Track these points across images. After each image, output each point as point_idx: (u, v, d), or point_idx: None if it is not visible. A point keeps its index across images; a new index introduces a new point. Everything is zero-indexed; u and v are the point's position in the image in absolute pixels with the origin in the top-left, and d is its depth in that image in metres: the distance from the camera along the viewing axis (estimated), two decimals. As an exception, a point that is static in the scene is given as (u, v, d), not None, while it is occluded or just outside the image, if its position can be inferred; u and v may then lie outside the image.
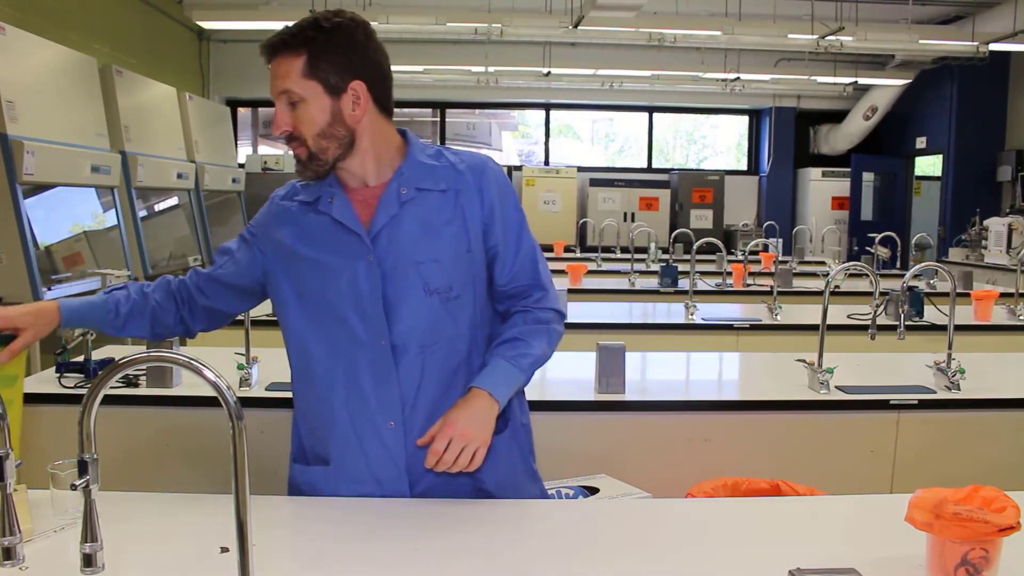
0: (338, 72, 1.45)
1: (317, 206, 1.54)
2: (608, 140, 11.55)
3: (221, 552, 1.32)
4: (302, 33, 1.45)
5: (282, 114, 1.47)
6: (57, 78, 5.41)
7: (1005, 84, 9.10)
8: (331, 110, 1.46)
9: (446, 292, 1.50)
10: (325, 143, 1.47)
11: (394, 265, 1.48)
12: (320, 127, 1.46)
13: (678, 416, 2.52)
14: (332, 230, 1.51)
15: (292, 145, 1.49)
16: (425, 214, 1.51)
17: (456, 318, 1.52)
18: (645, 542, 1.41)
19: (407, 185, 1.51)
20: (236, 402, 1.01)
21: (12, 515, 1.09)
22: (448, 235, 1.51)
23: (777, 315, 4.13)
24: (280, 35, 1.47)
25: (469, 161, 1.56)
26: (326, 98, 1.45)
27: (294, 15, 6.46)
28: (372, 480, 1.53)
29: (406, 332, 1.49)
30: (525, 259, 1.59)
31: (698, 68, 8.94)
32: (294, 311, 1.56)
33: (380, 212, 1.50)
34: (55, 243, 5.25)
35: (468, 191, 1.53)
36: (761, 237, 7.95)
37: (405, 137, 1.57)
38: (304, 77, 1.44)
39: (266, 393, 2.48)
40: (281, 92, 1.46)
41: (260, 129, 11.05)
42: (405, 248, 1.49)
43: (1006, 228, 7.54)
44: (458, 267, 1.51)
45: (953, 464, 2.54)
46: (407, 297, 1.49)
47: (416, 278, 1.48)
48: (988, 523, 1.18)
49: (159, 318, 1.65)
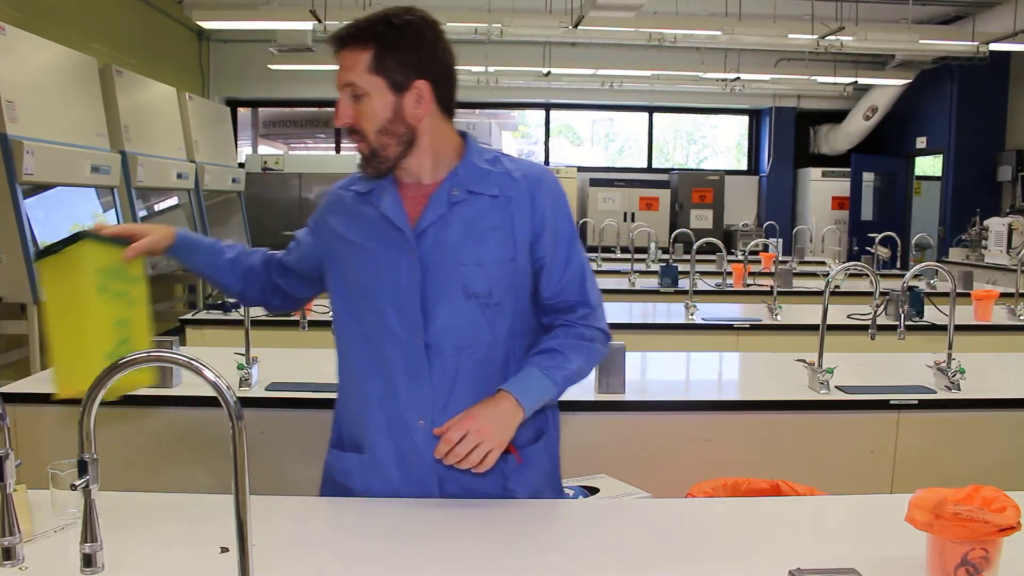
0: (403, 70, 1.45)
1: (370, 198, 1.55)
2: (608, 140, 11.55)
3: (221, 552, 1.32)
4: (371, 28, 1.45)
5: (345, 106, 1.48)
6: (57, 78, 5.40)
7: (1005, 84, 9.10)
8: (393, 107, 1.46)
9: (486, 297, 1.50)
10: (386, 140, 1.47)
11: (436, 264, 1.49)
12: (381, 123, 1.46)
13: (678, 416, 2.52)
14: (380, 223, 1.52)
15: (353, 139, 1.50)
16: (473, 217, 1.50)
17: (494, 325, 1.51)
18: (645, 542, 1.41)
19: (459, 187, 1.51)
20: (236, 402, 1.01)
21: (12, 515, 1.09)
22: (494, 241, 1.50)
23: (777, 315, 4.13)
24: (349, 28, 1.47)
25: (525, 170, 1.56)
26: (389, 94, 1.46)
27: (294, 15, 6.49)
28: (401, 475, 1.53)
29: (441, 332, 1.49)
30: (574, 274, 1.57)
31: (698, 68, 8.94)
32: (339, 299, 1.58)
33: (428, 210, 1.50)
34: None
35: (520, 199, 1.52)
36: (761, 237, 7.95)
37: (464, 139, 1.58)
38: (370, 72, 1.44)
39: (266, 393, 2.48)
40: (345, 84, 1.47)
41: (260, 129, 11.04)
42: (449, 249, 1.49)
43: (1006, 228, 7.54)
44: (501, 274, 1.50)
45: (953, 464, 2.54)
46: (446, 298, 1.49)
47: (456, 280, 1.49)
48: (988, 523, 1.18)
49: (249, 280, 1.72)
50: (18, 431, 2.39)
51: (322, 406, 2.47)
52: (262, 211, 9.49)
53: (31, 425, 2.42)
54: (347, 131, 1.50)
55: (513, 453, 1.54)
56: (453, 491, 1.53)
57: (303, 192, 9.70)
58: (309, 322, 2.88)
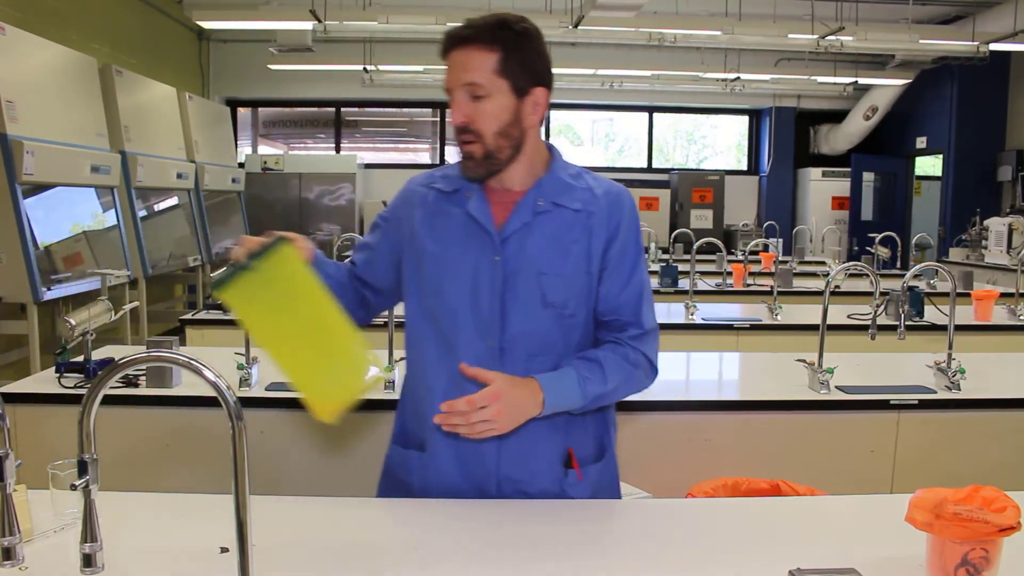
0: (526, 75, 1.46)
1: (454, 198, 1.55)
2: (608, 140, 11.55)
3: (221, 552, 1.32)
4: (495, 31, 1.45)
5: (463, 105, 1.46)
6: (57, 78, 5.41)
7: (1005, 84, 9.10)
8: (513, 111, 1.47)
9: (561, 308, 1.51)
10: (502, 142, 1.47)
11: (516, 270, 1.49)
12: (501, 125, 1.46)
13: (678, 416, 2.52)
14: (463, 225, 1.52)
15: (466, 138, 1.48)
16: (556, 229, 1.52)
17: (567, 336, 1.53)
18: (645, 542, 1.41)
19: (545, 197, 1.52)
20: (236, 402, 1.01)
21: (12, 515, 1.10)
22: (573, 253, 1.52)
23: (777, 315, 4.13)
24: (470, 27, 1.46)
25: (606, 187, 1.58)
26: (511, 98, 1.46)
27: (294, 15, 6.48)
28: (461, 474, 1.54)
29: (516, 338, 1.50)
30: (632, 293, 1.57)
31: (698, 68, 8.94)
32: (412, 294, 1.58)
33: (514, 217, 1.51)
34: (55, 243, 5.25)
35: (599, 215, 1.53)
36: (761, 237, 7.95)
37: (551, 152, 1.59)
38: (495, 74, 1.44)
39: (266, 393, 2.48)
40: (466, 83, 1.45)
41: (260, 129, 11.04)
42: (530, 256, 1.50)
43: (1006, 228, 7.54)
44: (577, 286, 1.52)
45: (953, 464, 2.54)
46: (523, 304, 1.49)
47: (536, 288, 1.49)
48: (988, 523, 1.18)
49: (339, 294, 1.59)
50: (18, 431, 2.39)
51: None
52: (262, 211, 9.50)
53: (31, 425, 2.42)
54: (460, 130, 1.48)
55: (575, 469, 1.55)
56: (509, 492, 1.54)
57: (303, 192, 9.70)
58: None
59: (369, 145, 11.05)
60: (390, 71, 8.93)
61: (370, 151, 10.92)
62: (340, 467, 2.47)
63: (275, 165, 9.69)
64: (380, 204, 9.91)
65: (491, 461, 1.52)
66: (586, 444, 1.58)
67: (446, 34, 1.47)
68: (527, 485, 1.54)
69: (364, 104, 10.78)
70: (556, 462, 1.55)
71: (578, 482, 1.56)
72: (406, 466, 1.60)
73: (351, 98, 10.44)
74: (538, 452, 1.54)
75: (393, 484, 1.63)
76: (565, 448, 1.56)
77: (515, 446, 1.51)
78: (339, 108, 10.70)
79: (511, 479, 1.53)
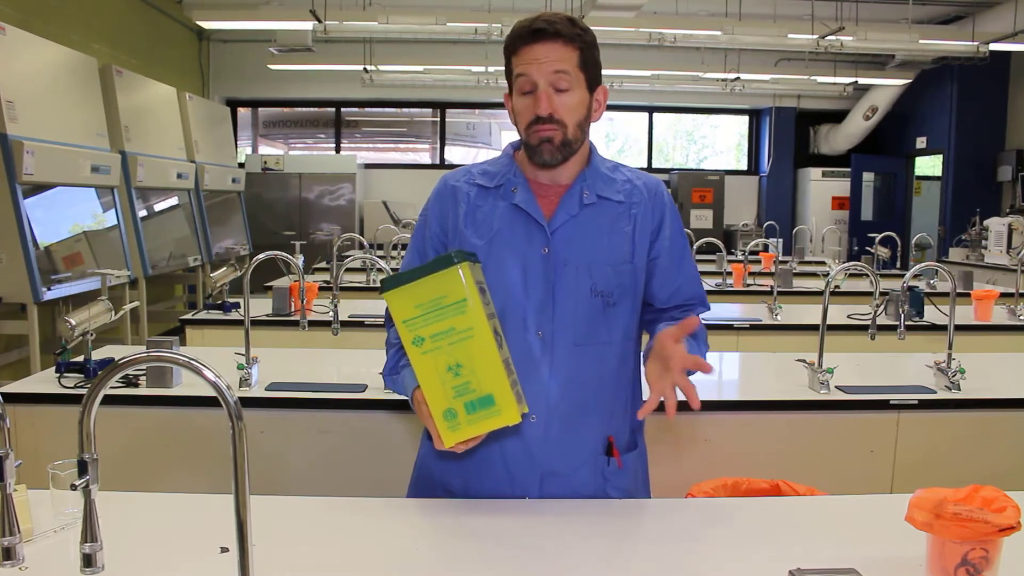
0: (595, 73, 1.54)
1: (497, 192, 1.57)
2: (608, 140, 11.54)
3: (221, 552, 1.32)
4: (573, 28, 1.50)
5: (550, 96, 1.49)
6: (57, 78, 5.41)
7: (1005, 84, 9.10)
8: (587, 106, 1.54)
9: (608, 297, 1.54)
10: (578, 133, 1.53)
11: (564, 260, 1.52)
12: (579, 118, 1.52)
13: (678, 416, 2.51)
14: (509, 217, 1.54)
15: (547, 127, 1.50)
16: (601, 220, 1.55)
17: (612, 325, 1.55)
18: (645, 542, 1.41)
19: (590, 190, 1.56)
20: (236, 402, 1.01)
21: (12, 515, 1.09)
22: (617, 243, 1.55)
23: (777, 315, 4.13)
24: (555, 23, 1.49)
25: (644, 179, 1.63)
26: (587, 93, 1.53)
27: (294, 15, 6.48)
28: (503, 471, 1.54)
29: (563, 328, 1.52)
30: (690, 272, 1.64)
31: (698, 68, 8.94)
32: None
33: (561, 210, 1.54)
34: (55, 243, 5.25)
35: (642, 205, 1.58)
36: (761, 237, 7.95)
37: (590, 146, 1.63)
38: (578, 68, 1.50)
39: (266, 393, 2.48)
40: (556, 72, 1.48)
41: (260, 129, 11.04)
42: (578, 247, 1.53)
43: (1006, 228, 7.54)
44: (621, 275, 1.55)
45: (953, 464, 2.54)
46: (572, 294, 1.52)
47: (586, 278, 1.52)
48: (988, 523, 1.18)
49: None
50: (18, 431, 2.39)
51: (322, 406, 2.47)
52: (262, 211, 9.50)
53: (31, 425, 2.42)
54: (540, 120, 1.50)
55: (616, 457, 1.57)
56: (552, 491, 1.54)
57: (303, 192, 9.70)
58: (309, 322, 2.87)
59: (369, 145, 11.05)
60: (390, 71, 8.93)
61: (370, 151, 10.93)
62: (340, 467, 2.47)
63: (275, 165, 9.69)
64: (380, 204, 9.92)
65: (534, 456, 1.52)
66: (623, 433, 1.61)
67: (527, 29, 1.51)
68: (572, 480, 1.54)
69: (364, 104, 10.78)
70: (599, 452, 1.57)
71: (619, 471, 1.57)
72: (445, 465, 1.59)
73: (351, 98, 10.44)
74: (583, 442, 1.55)
75: (427, 485, 1.62)
76: (606, 437, 1.57)
77: (560, 437, 1.52)
78: (339, 108, 10.70)
79: (554, 472, 1.53)
